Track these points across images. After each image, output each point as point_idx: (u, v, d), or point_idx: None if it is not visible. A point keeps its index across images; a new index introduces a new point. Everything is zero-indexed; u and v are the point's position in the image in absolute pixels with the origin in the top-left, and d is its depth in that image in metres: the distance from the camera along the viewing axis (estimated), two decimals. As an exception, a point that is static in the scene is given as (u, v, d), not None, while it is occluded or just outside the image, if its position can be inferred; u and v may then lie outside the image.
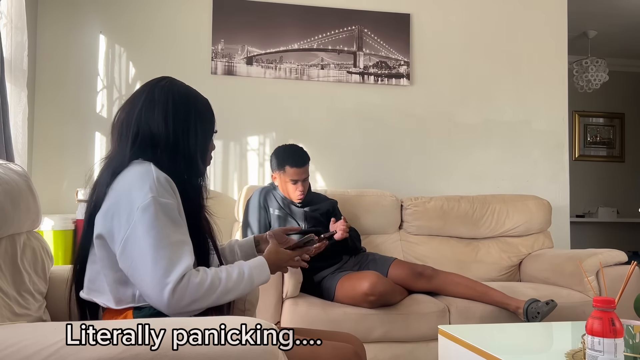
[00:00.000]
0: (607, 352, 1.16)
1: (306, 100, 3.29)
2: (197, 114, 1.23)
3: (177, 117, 1.20)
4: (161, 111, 1.19)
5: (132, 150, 1.17)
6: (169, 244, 1.06)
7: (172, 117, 1.19)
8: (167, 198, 1.11)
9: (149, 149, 1.18)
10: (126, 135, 1.19)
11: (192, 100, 1.24)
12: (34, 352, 0.76)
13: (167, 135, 1.18)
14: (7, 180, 1.29)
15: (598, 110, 5.58)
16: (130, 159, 1.17)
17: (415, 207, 3.04)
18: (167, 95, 1.21)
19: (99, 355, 0.76)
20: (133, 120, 1.19)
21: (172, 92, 1.22)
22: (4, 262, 1.28)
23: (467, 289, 2.40)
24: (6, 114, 2.26)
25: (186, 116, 1.21)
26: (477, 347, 1.47)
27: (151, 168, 1.13)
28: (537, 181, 3.53)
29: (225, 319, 0.88)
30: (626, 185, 5.58)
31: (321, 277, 2.42)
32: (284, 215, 2.50)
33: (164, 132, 1.18)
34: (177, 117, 1.20)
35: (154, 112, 1.19)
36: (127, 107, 1.23)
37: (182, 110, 1.21)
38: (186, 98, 1.23)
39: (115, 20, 3.13)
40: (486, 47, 3.53)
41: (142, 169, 1.13)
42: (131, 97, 1.24)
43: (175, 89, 1.24)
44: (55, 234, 2.55)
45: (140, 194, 1.08)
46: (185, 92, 1.25)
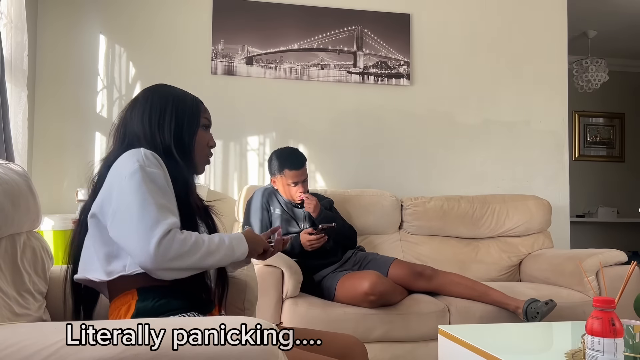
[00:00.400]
0: (607, 352, 1.16)
1: (306, 100, 3.29)
2: (174, 109, 1.29)
3: (153, 114, 1.27)
4: (140, 109, 1.28)
5: (122, 149, 1.24)
6: (154, 203, 1.10)
7: (148, 114, 1.27)
8: (154, 168, 1.16)
9: (136, 145, 1.24)
10: (117, 136, 1.30)
11: (170, 98, 1.31)
12: (34, 352, 0.76)
13: (144, 131, 1.26)
14: (7, 180, 1.29)
15: (598, 110, 5.58)
16: (120, 154, 1.23)
17: (415, 207, 3.04)
18: (148, 96, 1.31)
19: (99, 355, 0.76)
20: (122, 121, 1.30)
21: (153, 93, 1.31)
22: (4, 262, 1.28)
23: (467, 289, 2.40)
24: (6, 113, 2.26)
25: (161, 112, 1.28)
26: (477, 347, 1.47)
27: (140, 149, 1.19)
28: (537, 181, 3.53)
29: (225, 319, 0.88)
30: (626, 185, 5.58)
31: (321, 277, 2.42)
32: (285, 215, 2.51)
33: (142, 128, 1.26)
34: (153, 113, 1.27)
35: (135, 111, 1.28)
36: (121, 113, 1.33)
37: (158, 107, 1.28)
38: (165, 97, 1.31)
39: (115, 20, 3.13)
40: (486, 47, 3.53)
41: (132, 151, 1.19)
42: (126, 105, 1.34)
43: (159, 89, 1.33)
44: (55, 234, 2.55)
45: (127, 165, 1.14)
46: (166, 92, 1.33)
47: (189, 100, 1.33)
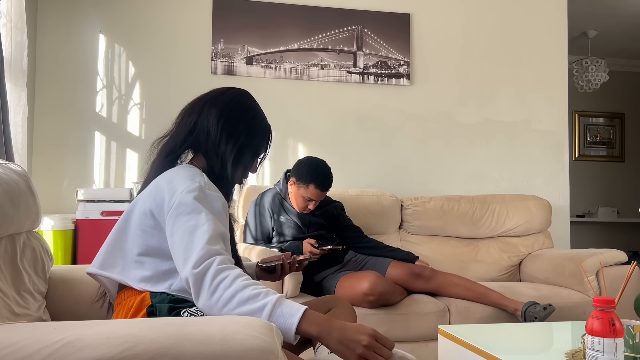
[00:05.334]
0: (607, 352, 1.16)
1: (306, 100, 3.29)
2: (248, 128, 1.29)
3: (228, 123, 1.26)
4: (219, 111, 1.26)
5: (185, 136, 1.25)
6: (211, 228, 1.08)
7: (224, 120, 1.26)
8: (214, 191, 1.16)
9: (201, 139, 1.25)
10: (187, 120, 1.27)
11: (250, 115, 1.30)
12: (34, 352, 0.75)
13: (215, 134, 1.25)
14: (7, 180, 1.29)
15: (598, 110, 5.58)
16: (181, 143, 1.25)
17: (415, 207, 3.04)
18: (231, 102, 1.29)
19: (99, 354, 0.76)
20: (196, 109, 1.27)
21: (236, 101, 1.30)
22: (3, 262, 1.28)
23: (466, 289, 2.40)
24: (6, 113, 2.26)
25: (236, 125, 1.27)
26: (477, 347, 1.47)
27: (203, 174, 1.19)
28: (537, 181, 3.53)
29: (226, 319, 0.88)
30: (626, 185, 5.58)
31: (321, 277, 2.42)
32: (290, 222, 2.49)
33: (213, 130, 1.25)
34: (229, 122, 1.26)
35: (213, 110, 1.26)
36: (200, 97, 1.30)
37: (236, 119, 1.27)
38: (246, 111, 1.30)
39: (115, 20, 3.13)
40: (486, 47, 3.53)
41: (192, 172, 1.18)
42: (209, 91, 1.32)
43: (242, 100, 1.31)
44: (55, 234, 2.55)
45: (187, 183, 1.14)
46: (248, 107, 1.31)
47: (263, 125, 1.34)
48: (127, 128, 3.12)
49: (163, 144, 1.27)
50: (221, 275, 1.00)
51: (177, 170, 1.19)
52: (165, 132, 1.29)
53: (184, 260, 1.04)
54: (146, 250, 1.16)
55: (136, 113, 3.13)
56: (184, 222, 1.08)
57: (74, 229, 2.65)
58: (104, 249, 1.21)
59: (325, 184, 2.43)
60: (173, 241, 1.09)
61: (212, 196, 1.14)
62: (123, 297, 1.19)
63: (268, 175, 3.25)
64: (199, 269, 1.01)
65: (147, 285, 1.15)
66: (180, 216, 1.09)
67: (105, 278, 1.22)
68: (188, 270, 1.01)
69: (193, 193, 1.11)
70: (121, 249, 1.19)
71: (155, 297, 1.14)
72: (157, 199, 1.15)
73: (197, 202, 1.10)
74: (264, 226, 2.51)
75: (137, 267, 1.16)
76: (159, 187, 1.17)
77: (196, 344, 0.80)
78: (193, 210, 1.09)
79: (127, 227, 1.20)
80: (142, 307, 1.14)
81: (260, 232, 2.51)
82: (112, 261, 1.19)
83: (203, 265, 1.01)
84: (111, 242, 1.21)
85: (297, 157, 2.71)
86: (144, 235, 1.16)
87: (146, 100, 3.13)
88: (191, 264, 1.02)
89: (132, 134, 3.12)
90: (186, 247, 1.05)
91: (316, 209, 2.51)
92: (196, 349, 0.79)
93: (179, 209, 1.10)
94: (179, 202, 1.10)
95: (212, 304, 0.99)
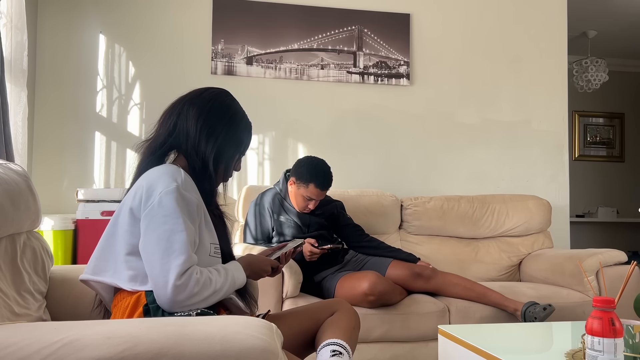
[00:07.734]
0: (607, 352, 1.16)
1: (306, 100, 3.29)
2: (227, 127, 1.30)
3: (208, 122, 1.27)
4: (197, 111, 1.27)
5: (166, 138, 1.27)
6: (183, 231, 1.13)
7: (203, 120, 1.27)
8: (190, 193, 1.18)
9: (181, 140, 1.26)
10: (167, 122, 1.29)
11: (229, 114, 1.31)
12: (34, 352, 0.76)
13: (194, 134, 1.26)
14: (7, 180, 1.29)
15: (598, 110, 5.58)
16: (162, 144, 1.26)
17: (415, 207, 3.04)
18: (210, 101, 1.30)
19: (99, 354, 0.76)
20: (176, 111, 1.29)
21: (215, 100, 1.31)
22: (3, 262, 1.28)
23: (466, 289, 2.40)
24: (6, 114, 2.26)
25: (215, 124, 1.28)
26: (477, 347, 1.47)
27: (181, 170, 1.21)
28: (537, 181, 3.53)
29: (226, 319, 0.88)
30: (626, 185, 5.58)
31: (321, 277, 2.42)
32: (290, 222, 2.49)
33: (192, 131, 1.26)
34: (208, 122, 1.27)
35: (192, 110, 1.27)
36: (179, 98, 1.32)
37: (215, 118, 1.28)
38: (225, 110, 1.31)
39: (115, 20, 3.13)
40: (486, 47, 3.53)
41: (173, 169, 1.20)
42: (188, 92, 1.33)
43: (221, 99, 1.32)
44: (55, 234, 2.55)
45: (165, 181, 1.16)
46: (226, 106, 1.32)
47: (243, 123, 1.35)
48: (127, 128, 3.12)
49: (146, 146, 1.29)
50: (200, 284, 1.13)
51: (157, 169, 1.20)
52: (149, 135, 1.31)
53: (161, 266, 1.09)
54: (132, 249, 1.17)
55: (136, 113, 3.13)
56: (161, 225, 1.11)
57: (74, 229, 2.65)
58: (95, 256, 1.22)
59: (325, 183, 2.43)
60: (146, 241, 1.12)
61: (188, 198, 1.16)
62: (119, 299, 1.20)
63: (268, 175, 3.25)
64: (181, 282, 1.09)
65: (136, 284, 1.16)
66: (156, 217, 1.12)
67: (98, 284, 1.23)
68: (171, 281, 1.09)
69: (172, 195, 1.13)
70: (112, 253, 1.20)
71: (150, 295, 1.14)
72: (136, 197, 1.17)
73: (176, 205, 1.13)
74: (264, 226, 2.51)
75: (126, 268, 1.17)
76: (139, 186, 1.18)
77: (196, 343, 0.80)
78: (171, 213, 1.12)
79: (115, 230, 1.21)
80: (138, 306, 1.14)
81: (260, 232, 2.51)
82: (103, 266, 1.20)
83: (185, 276, 1.10)
84: (101, 248, 1.22)
85: (297, 157, 2.71)
86: (130, 236, 1.17)
87: (146, 100, 3.13)
88: (174, 276, 1.09)
89: (132, 134, 3.12)
90: (164, 252, 1.10)
91: (316, 208, 2.51)
92: (196, 349, 0.79)
93: (156, 209, 1.13)
94: (158, 202, 1.13)
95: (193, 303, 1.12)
